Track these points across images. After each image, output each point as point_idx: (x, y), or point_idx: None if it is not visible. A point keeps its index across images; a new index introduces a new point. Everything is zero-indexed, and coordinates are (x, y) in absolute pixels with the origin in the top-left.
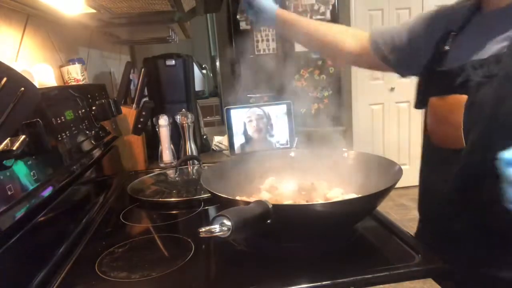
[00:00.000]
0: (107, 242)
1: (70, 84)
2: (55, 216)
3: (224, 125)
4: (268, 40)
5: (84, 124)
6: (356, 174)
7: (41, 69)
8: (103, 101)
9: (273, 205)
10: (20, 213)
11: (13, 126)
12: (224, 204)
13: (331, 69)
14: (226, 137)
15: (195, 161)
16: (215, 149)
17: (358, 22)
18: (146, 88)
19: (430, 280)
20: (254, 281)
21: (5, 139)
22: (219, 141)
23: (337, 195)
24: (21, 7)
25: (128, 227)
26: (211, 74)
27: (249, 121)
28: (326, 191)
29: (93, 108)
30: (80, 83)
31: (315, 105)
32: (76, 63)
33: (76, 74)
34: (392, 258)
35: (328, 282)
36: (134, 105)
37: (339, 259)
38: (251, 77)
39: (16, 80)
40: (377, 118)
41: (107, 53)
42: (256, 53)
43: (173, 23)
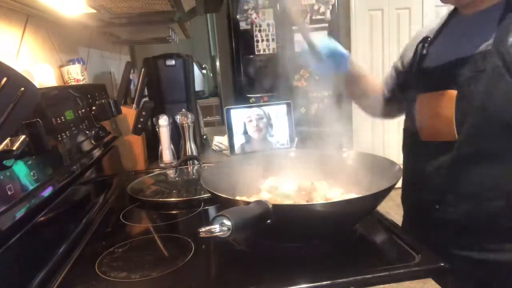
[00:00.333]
0: (107, 242)
1: (70, 84)
2: (55, 216)
3: (224, 125)
4: (268, 40)
5: (84, 124)
6: (356, 174)
7: (41, 69)
8: (103, 101)
9: (273, 205)
10: (20, 213)
11: (13, 126)
12: (224, 204)
13: None
14: (226, 137)
15: (195, 161)
16: (215, 149)
17: (358, 22)
18: (146, 88)
19: (430, 280)
20: (254, 281)
21: (5, 139)
22: (219, 141)
23: (337, 195)
24: (21, 7)
25: (128, 227)
26: (211, 74)
27: (249, 121)
28: (326, 191)
29: (93, 108)
30: (80, 83)
31: (315, 105)
32: (76, 63)
33: (76, 74)
34: (392, 258)
35: (328, 282)
36: (134, 105)
37: (339, 259)
38: (251, 77)
39: (16, 80)
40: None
41: (107, 53)
42: (256, 53)
43: (173, 23)
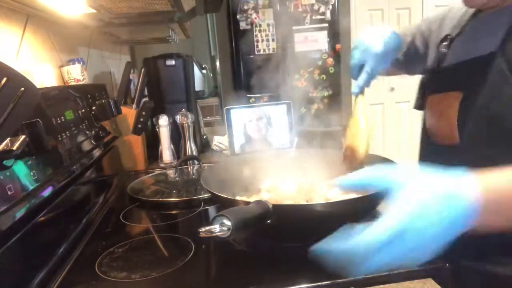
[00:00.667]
0: (107, 242)
1: (70, 84)
2: (55, 216)
3: (224, 125)
4: (268, 40)
5: (84, 124)
6: None
7: (41, 69)
8: (103, 101)
9: (273, 205)
10: (20, 213)
11: (13, 126)
12: (224, 204)
13: (331, 69)
14: (226, 137)
15: (195, 161)
16: (215, 149)
17: (358, 22)
18: (146, 88)
19: (430, 280)
20: (254, 281)
21: (5, 139)
22: (219, 141)
23: (337, 195)
24: (21, 7)
25: (128, 227)
26: (211, 74)
27: (249, 121)
28: (326, 191)
29: (93, 108)
30: (80, 83)
31: (315, 105)
32: (76, 63)
33: (76, 74)
34: None
35: (328, 282)
36: (134, 105)
37: None
38: (251, 77)
39: (16, 80)
40: (377, 118)
41: (107, 53)
42: (256, 53)
43: (173, 23)
